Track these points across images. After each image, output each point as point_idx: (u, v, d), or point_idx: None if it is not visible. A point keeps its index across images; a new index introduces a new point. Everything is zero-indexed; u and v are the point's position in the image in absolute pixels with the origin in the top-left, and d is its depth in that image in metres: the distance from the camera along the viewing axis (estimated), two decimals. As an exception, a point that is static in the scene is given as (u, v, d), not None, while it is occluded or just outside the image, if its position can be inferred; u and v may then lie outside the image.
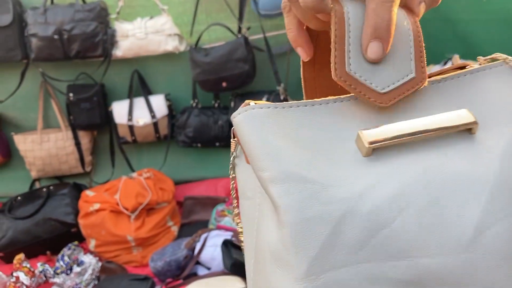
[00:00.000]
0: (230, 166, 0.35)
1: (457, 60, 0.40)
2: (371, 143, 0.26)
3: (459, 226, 0.24)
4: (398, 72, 0.27)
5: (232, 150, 0.34)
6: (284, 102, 0.29)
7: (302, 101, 0.30)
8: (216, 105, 2.26)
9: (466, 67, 0.33)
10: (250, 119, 0.28)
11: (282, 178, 0.25)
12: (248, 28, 2.05)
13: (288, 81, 2.13)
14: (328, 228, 0.24)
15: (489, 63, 0.32)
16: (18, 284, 1.87)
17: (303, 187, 0.25)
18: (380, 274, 0.23)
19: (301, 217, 0.24)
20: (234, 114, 0.29)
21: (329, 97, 0.30)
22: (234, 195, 0.36)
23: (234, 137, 0.33)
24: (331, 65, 0.27)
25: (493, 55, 0.33)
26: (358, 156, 0.27)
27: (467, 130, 0.27)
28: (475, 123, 0.27)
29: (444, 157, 0.26)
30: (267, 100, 2.08)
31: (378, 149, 0.27)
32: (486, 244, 0.24)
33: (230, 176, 0.35)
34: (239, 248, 1.73)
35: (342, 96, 0.30)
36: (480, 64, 0.32)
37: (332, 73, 0.27)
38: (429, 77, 0.30)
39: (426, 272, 0.24)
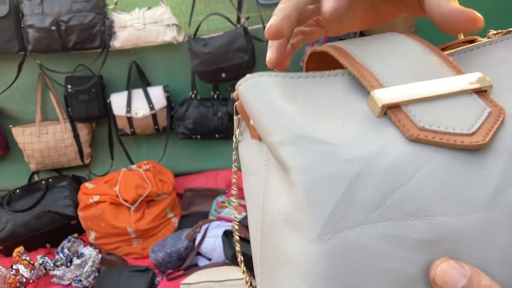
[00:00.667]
0: (234, 145, 0.34)
1: (461, 36, 0.39)
2: (384, 103, 0.25)
3: (478, 185, 0.24)
4: (470, 111, 0.26)
5: (235, 127, 0.33)
6: (292, 73, 0.29)
7: (310, 72, 0.29)
8: (215, 96, 2.25)
9: (475, 40, 0.32)
10: (257, 86, 0.27)
11: (292, 139, 0.24)
12: (247, 18, 2.03)
13: (288, 71, 2.12)
14: (342, 187, 0.23)
15: (499, 37, 0.31)
16: (18, 277, 1.86)
17: (315, 148, 0.24)
18: (398, 233, 0.23)
19: (314, 177, 0.23)
20: (239, 82, 0.28)
21: (338, 70, 0.29)
22: (235, 182, 0.35)
23: (237, 114, 0.32)
24: (400, 129, 0.25)
25: (504, 30, 0.32)
26: (372, 117, 0.26)
27: (481, 93, 0.27)
28: (490, 86, 0.26)
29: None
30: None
31: (392, 109, 0.26)
32: (505, 203, 0.23)
33: (233, 157, 0.34)
34: (240, 238, 1.72)
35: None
36: (489, 38, 0.32)
37: (407, 136, 0.25)
38: (438, 52, 0.30)
39: (445, 230, 0.23)
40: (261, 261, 0.28)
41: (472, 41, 0.33)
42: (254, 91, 0.27)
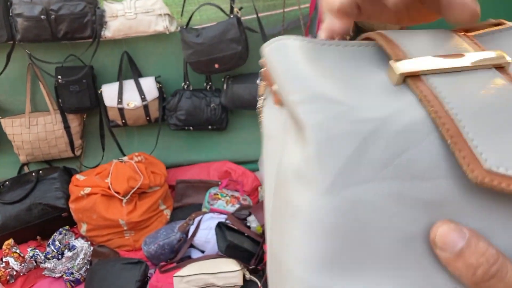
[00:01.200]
0: (258, 111, 0.36)
1: (489, 20, 0.39)
2: (403, 71, 0.26)
3: None
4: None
5: (260, 92, 0.35)
6: (317, 39, 0.30)
7: (336, 40, 0.30)
8: (208, 87, 2.23)
9: (500, 24, 0.33)
10: (282, 47, 0.28)
11: (311, 98, 0.25)
12: (241, 8, 2.01)
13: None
14: (353, 145, 0.24)
15: None
16: (8, 270, 1.84)
17: (331, 107, 0.25)
18: (404, 193, 0.23)
19: (327, 134, 0.24)
20: (265, 44, 0.29)
21: (366, 41, 0.30)
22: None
23: (263, 80, 0.33)
24: (463, 168, 0.23)
25: None
26: (389, 85, 0.27)
27: (501, 69, 0.27)
28: (508, 63, 0.27)
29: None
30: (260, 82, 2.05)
31: (411, 77, 0.26)
32: None
33: (259, 121, 0.36)
34: (233, 231, 1.71)
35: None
36: None
37: (469, 176, 0.23)
38: (463, 33, 0.30)
39: (450, 193, 0.23)
40: (272, 218, 0.30)
41: (498, 24, 0.33)
42: (279, 52, 0.28)
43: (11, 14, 1.98)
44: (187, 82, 2.21)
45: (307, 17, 2.05)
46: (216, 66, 2.01)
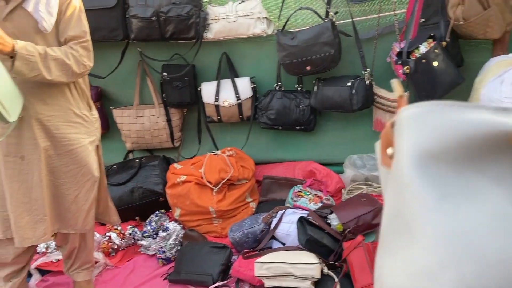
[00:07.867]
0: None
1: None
2: None
3: None
4: None
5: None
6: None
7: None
8: (299, 89, 2.31)
9: None
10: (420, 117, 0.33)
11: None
12: (336, 13, 2.06)
13: (374, 66, 2.12)
14: None
15: None
16: (110, 243, 2.06)
17: None
18: None
19: None
20: (404, 108, 0.33)
21: None
22: None
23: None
24: None
25: None
26: None
27: None
28: None
29: None
30: (352, 85, 2.07)
31: None
32: None
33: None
34: (314, 226, 1.77)
35: None
36: None
37: None
38: None
39: None
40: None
41: None
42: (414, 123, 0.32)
43: (127, 15, 2.21)
44: (279, 83, 2.30)
45: (403, 22, 2.05)
46: (308, 68, 2.08)
